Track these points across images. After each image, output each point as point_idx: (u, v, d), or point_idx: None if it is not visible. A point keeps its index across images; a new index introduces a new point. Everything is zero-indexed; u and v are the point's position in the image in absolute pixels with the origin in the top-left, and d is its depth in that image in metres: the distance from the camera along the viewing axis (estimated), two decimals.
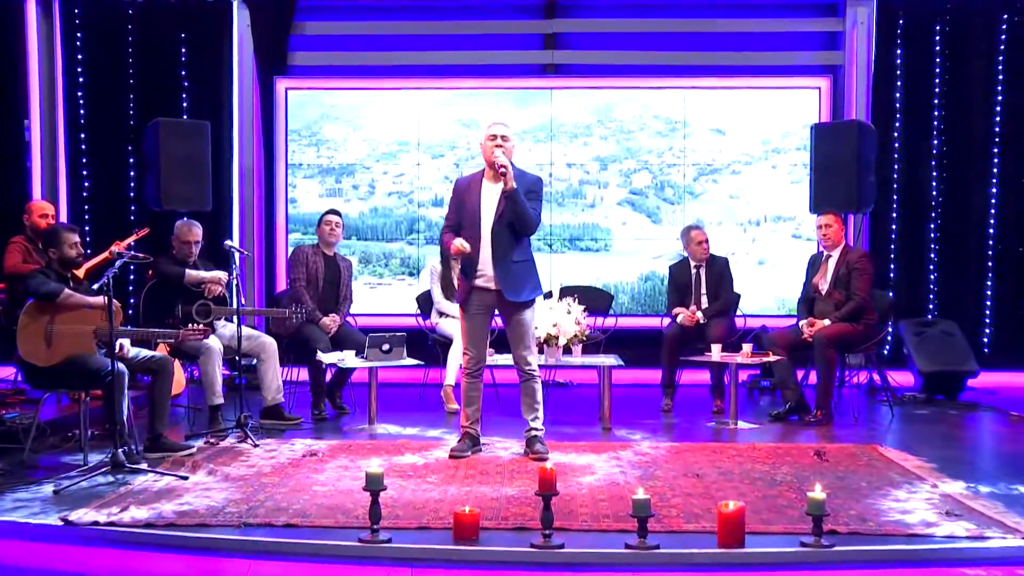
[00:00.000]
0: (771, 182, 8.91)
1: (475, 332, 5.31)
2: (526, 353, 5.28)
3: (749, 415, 6.71)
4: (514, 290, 5.17)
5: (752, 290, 8.48)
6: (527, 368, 5.30)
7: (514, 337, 5.28)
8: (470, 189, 5.25)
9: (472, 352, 5.33)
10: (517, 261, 5.19)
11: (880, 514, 4.13)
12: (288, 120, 9.05)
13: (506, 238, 5.15)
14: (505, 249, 5.16)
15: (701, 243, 7.10)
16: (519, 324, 5.25)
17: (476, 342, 5.33)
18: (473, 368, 5.35)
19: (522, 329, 5.26)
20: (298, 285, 6.71)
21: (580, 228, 9.00)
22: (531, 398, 5.34)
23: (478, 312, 5.28)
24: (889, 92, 8.63)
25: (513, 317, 5.24)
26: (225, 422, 5.95)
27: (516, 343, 5.28)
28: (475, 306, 5.27)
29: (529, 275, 5.25)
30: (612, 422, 6.20)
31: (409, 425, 6.28)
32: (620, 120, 8.98)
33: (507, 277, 5.16)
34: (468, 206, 5.22)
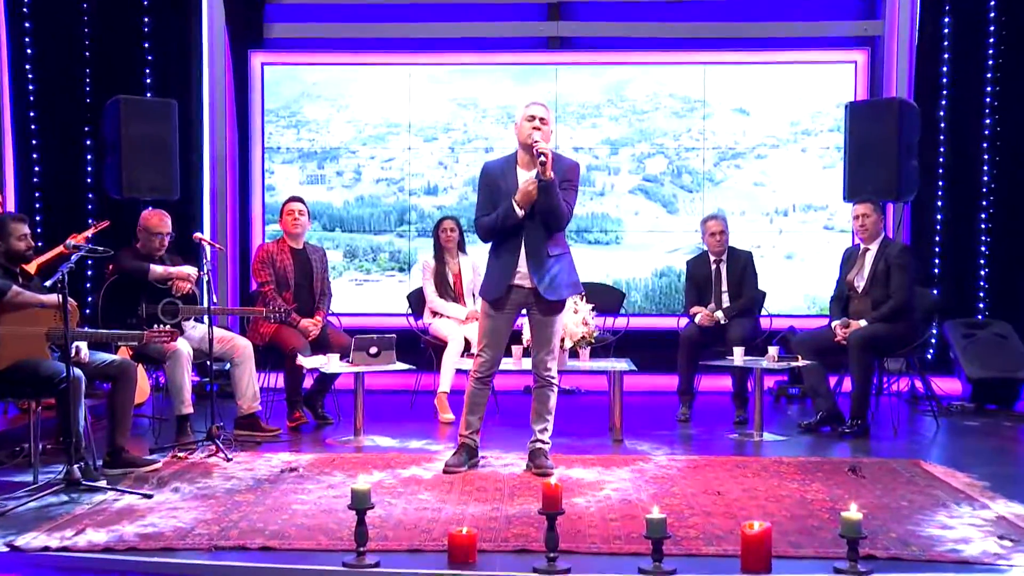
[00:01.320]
0: (801, 167, 8.90)
1: (498, 333, 5.29)
2: (548, 358, 5.28)
3: (776, 426, 6.70)
4: (551, 287, 5.17)
5: (779, 287, 8.46)
6: (546, 374, 5.29)
7: (540, 339, 5.28)
8: (504, 175, 5.23)
9: (488, 354, 5.31)
10: (553, 255, 5.18)
11: (924, 538, 4.11)
12: (265, 99, 9.04)
13: (539, 230, 5.14)
14: (538, 242, 5.15)
15: (715, 235, 7.09)
16: (549, 325, 5.25)
17: (496, 344, 5.31)
18: (485, 372, 5.34)
19: (548, 331, 5.26)
20: (267, 290, 6.70)
21: (588, 219, 8.99)
22: (543, 406, 5.33)
23: (509, 311, 5.26)
24: (934, 66, 8.58)
25: (545, 317, 5.24)
26: (194, 434, 5.94)
27: (541, 345, 5.27)
28: (508, 305, 5.25)
29: (568, 271, 5.25)
30: (624, 433, 6.19)
31: (399, 437, 6.27)
32: (632, 99, 8.97)
33: (543, 273, 5.15)
34: (503, 192, 5.18)
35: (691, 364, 6.95)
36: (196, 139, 8.75)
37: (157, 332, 5.39)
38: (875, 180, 7.26)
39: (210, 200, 8.92)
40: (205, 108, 8.87)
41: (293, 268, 6.77)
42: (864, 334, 6.36)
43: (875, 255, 6.57)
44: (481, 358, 5.33)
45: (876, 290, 6.52)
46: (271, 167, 9.08)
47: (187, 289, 6.09)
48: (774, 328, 7.44)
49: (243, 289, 8.95)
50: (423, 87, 9.04)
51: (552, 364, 5.31)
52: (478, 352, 5.36)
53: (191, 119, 8.63)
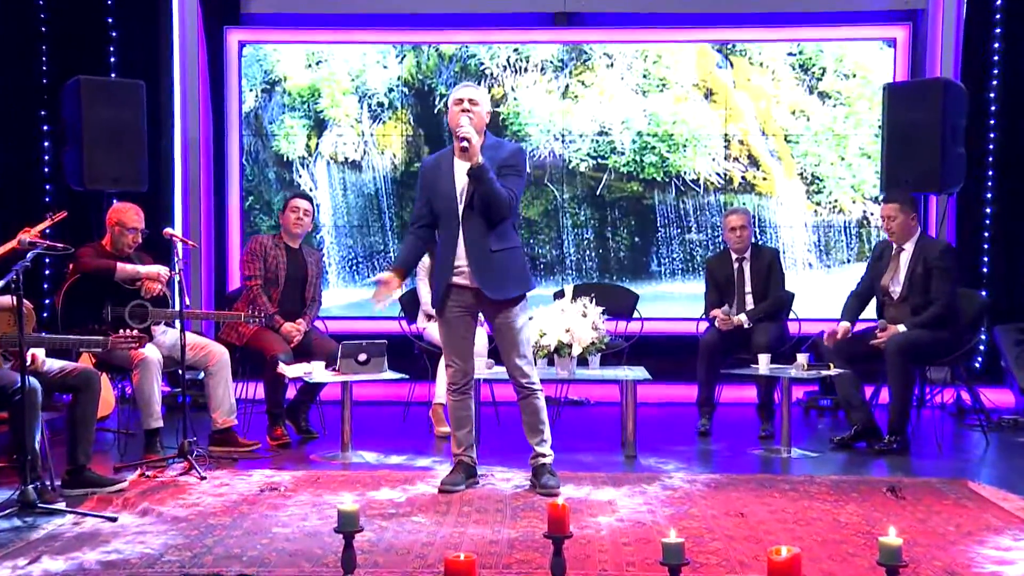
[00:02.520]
0: (835, 156, 8.89)
1: (456, 339, 5.30)
2: (520, 362, 5.26)
3: (806, 441, 6.70)
4: (494, 285, 5.15)
5: (809, 287, 8.45)
6: (524, 381, 5.28)
7: (503, 344, 5.27)
8: (440, 169, 5.24)
9: (456, 363, 5.32)
10: (496, 251, 5.16)
11: (974, 566, 4.09)
12: (242, 79, 9.04)
13: (479, 224, 5.13)
14: (478, 237, 5.14)
15: (735, 229, 7.08)
16: (506, 328, 5.23)
17: (459, 350, 5.32)
18: (460, 383, 5.34)
19: (511, 333, 5.24)
20: (255, 284, 6.70)
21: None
22: (533, 417, 5.32)
23: (457, 314, 5.27)
24: (984, 42, 8.56)
25: (497, 319, 5.23)
26: (164, 450, 5.94)
27: (507, 351, 5.27)
28: (453, 307, 5.26)
29: (512, 266, 5.22)
30: (637, 448, 6.19)
31: (391, 452, 6.27)
32: (644, 81, 8.96)
33: (484, 270, 5.14)
34: (442, 190, 5.20)
35: (711, 373, 6.95)
36: (166, 124, 8.76)
37: (123, 337, 5.38)
38: (916, 170, 7.23)
39: (182, 192, 8.93)
40: (176, 90, 8.88)
41: (285, 267, 6.77)
42: (903, 340, 6.31)
43: (911, 256, 6.49)
44: (451, 368, 5.34)
45: (915, 296, 6.44)
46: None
47: (157, 290, 6.09)
48: (803, 333, 7.41)
49: (219, 291, 8.96)
50: (416, 67, 9.05)
51: (528, 368, 5.29)
52: (446, 363, 5.38)
53: (161, 102, 8.64)
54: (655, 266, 9.04)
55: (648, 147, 8.97)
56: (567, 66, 9.01)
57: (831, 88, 8.89)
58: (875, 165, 8.59)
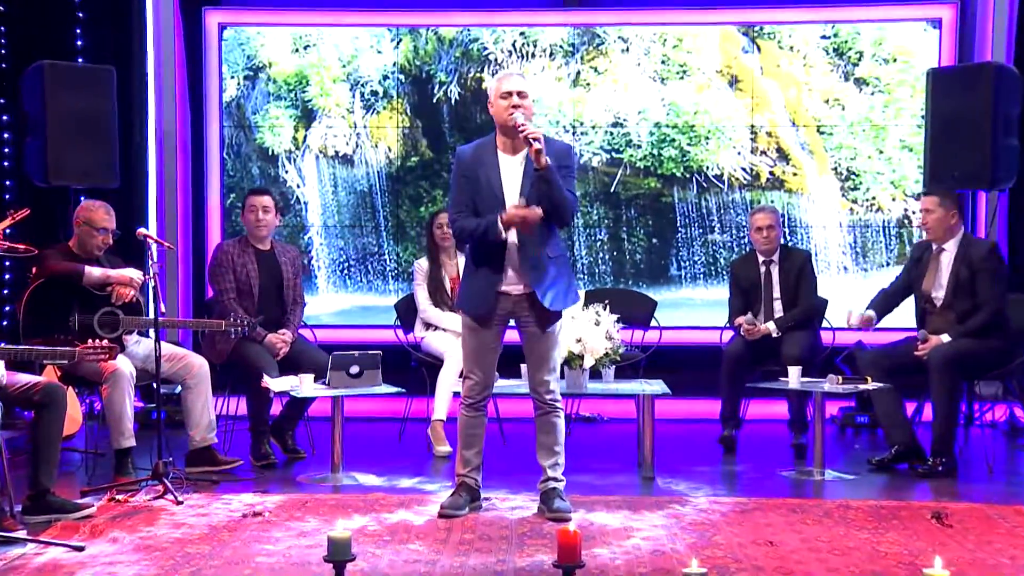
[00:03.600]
0: (873, 149, 8.88)
1: (485, 351, 5.30)
2: (549, 377, 5.29)
3: (841, 462, 6.69)
4: (551, 294, 5.18)
5: (844, 293, 8.44)
6: (548, 397, 5.29)
7: (537, 356, 5.28)
8: (483, 163, 5.23)
9: (477, 376, 5.32)
10: (552, 256, 5.21)
11: None
12: (223, 65, 9.04)
13: (538, 228, 5.15)
14: (536, 241, 5.16)
15: (762, 229, 7.08)
16: (547, 339, 5.26)
17: (484, 363, 5.32)
18: (477, 398, 5.34)
19: (547, 344, 5.28)
20: (227, 299, 6.69)
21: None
22: (550, 437, 5.33)
23: (497, 324, 5.28)
24: None
25: (543, 330, 5.24)
26: (137, 472, 5.94)
27: (539, 364, 5.27)
28: (494, 317, 5.26)
29: (565, 275, 5.29)
30: (656, 469, 6.19)
31: (386, 474, 6.28)
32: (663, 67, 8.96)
33: (542, 277, 5.17)
34: (484, 186, 5.19)
35: (736, 387, 6.95)
36: (139, 114, 8.76)
37: (92, 348, 5.37)
38: (963, 164, 7.21)
39: (157, 188, 8.93)
40: (150, 77, 8.88)
41: (258, 273, 6.76)
42: (948, 351, 6.29)
43: (954, 257, 6.46)
44: (470, 380, 5.34)
45: (960, 301, 6.41)
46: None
47: (130, 296, 6.09)
48: (838, 344, 7.41)
49: (197, 296, 8.96)
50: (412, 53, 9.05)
51: (554, 385, 5.32)
52: (465, 374, 5.38)
53: (133, 90, 8.64)
54: (674, 270, 9.03)
55: (667, 140, 8.97)
56: (578, 51, 9.00)
57: (869, 74, 8.87)
58: (917, 159, 8.57)
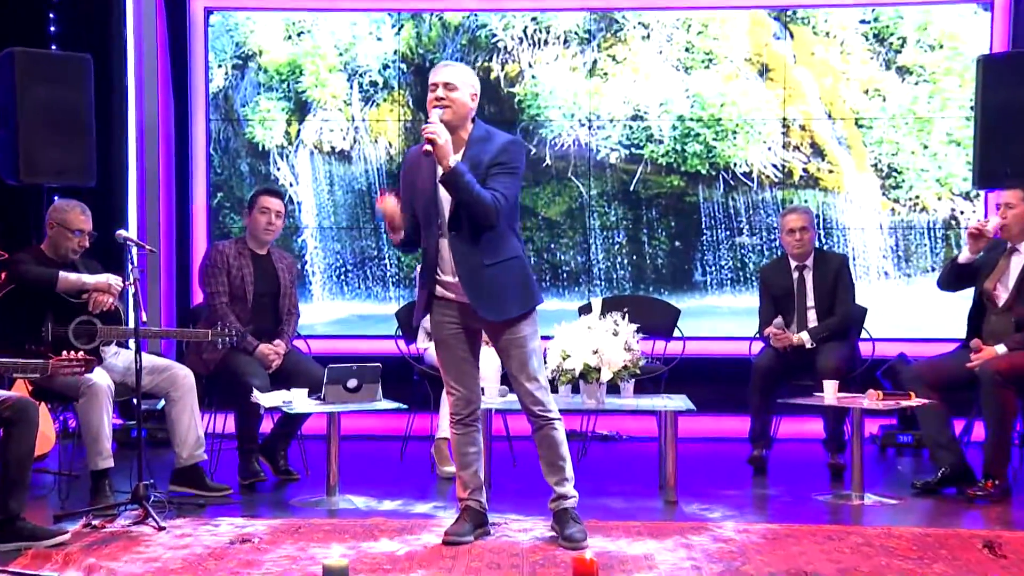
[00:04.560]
0: (917, 143, 8.87)
1: (456, 362, 5.31)
2: (531, 387, 5.25)
3: (882, 485, 6.67)
4: (491, 305, 5.14)
5: (884, 301, 8.42)
6: (537, 410, 5.27)
7: (510, 367, 5.28)
8: (420, 166, 5.21)
9: (457, 391, 5.32)
10: (490, 264, 5.15)
11: None
12: (209, 54, 9.05)
13: (467, 234, 5.12)
14: (467, 249, 5.13)
15: (795, 231, 7.07)
16: (511, 347, 5.23)
17: (460, 376, 5.31)
18: (463, 413, 5.33)
19: (517, 353, 5.23)
20: (219, 303, 6.70)
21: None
22: (551, 452, 5.32)
23: (452, 331, 5.28)
24: None
25: (501, 339, 5.23)
26: (116, 495, 5.93)
27: (514, 375, 5.27)
28: (446, 325, 5.28)
29: (510, 282, 5.20)
30: (679, 492, 6.18)
31: (386, 497, 6.28)
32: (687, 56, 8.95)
33: (477, 288, 5.14)
34: (420, 190, 5.19)
35: (767, 402, 6.94)
36: (118, 107, 8.77)
37: (67, 360, 5.38)
38: (1016, 159, 7.17)
39: (138, 187, 8.94)
40: (130, 66, 8.90)
41: (253, 278, 6.78)
42: (1003, 363, 6.27)
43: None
44: (452, 396, 5.34)
45: (1022, 306, 6.40)
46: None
47: (108, 304, 6.09)
48: (878, 356, 7.40)
49: (182, 304, 8.96)
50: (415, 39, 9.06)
51: (541, 394, 5.28)
52: (447, 391, 5.38)
53: (111, 80, 8.64)
54: (699, 275, 9.02)
55: (691, 134, 8.96)
56: (595, 38, 9.01)
57: (913, 62, 8.86)
58: (966, 154, 8.55)
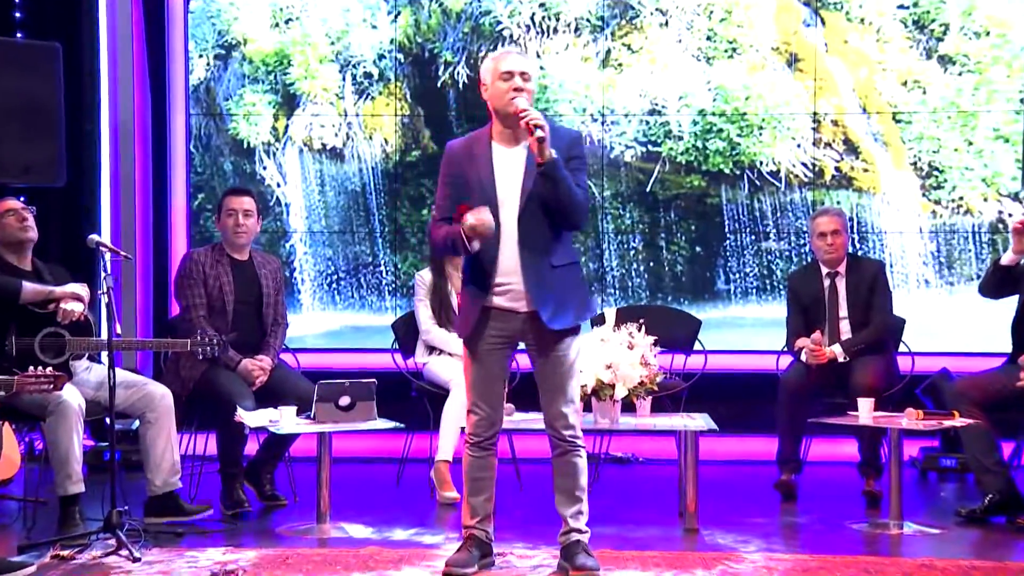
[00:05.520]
0: (960, 139, 8.85)
1: (489, 380, 5.27)
2: (567, 409, 5.24)
3: (923, 513, 6.65)
4: (555, 310, 5.13)
5: (924, 311, 8.40)
6: (567, 434, 5.25)
7: (549, 384, 5.24)
8: (474, 158, 5.20)
9: (483, 411, 5.29)
10: (558, 266, 5.17)
11: None
12: (189, 43, 9.06)
13: (539, 231, 5.12)
14: (538, 248, 5.12)
15: (826, 235, 7.06)
16: (559, 364, 5.22)
17: (490, 395, 5.28)
18: (484, 436, 5.31)
19: (562, 371, 5.23)
20: (195, 316, 6.69)
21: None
22: (571, 481, 5.29)
23: (495, 347, 5.24)
24: None
25: (551, 354, 5.21)
26: (86, 523, 5.92)
27: (553, 394, 5.24)
28: (490, 339, 5.23)
29: (575, 287, 5.25)
30: (700, 520, 6.16)
31: (381, 524, 6.27)
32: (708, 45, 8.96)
33: (543, 290, 5.13)
34: (475, 183, 5.16)
35: (797, 422, 6.92)
36: (90, 99, 8.78)
37: (34, 377, 5.38)
38: None
39: (111, 187, 8.94)
40: (103, 55, 8.91)
41: (233, 287, 6.77)
42: None
43: None
44: (475, 416, 5.31)
45: None
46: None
47: (78, 315, 6.08)
48: (918, 371, 7.38)
49: (159, 314, 8.96)
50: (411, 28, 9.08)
51: (574, 418, 5.27)
52: (469, 408, 5.35)
53: (83, 71, 8.66)
54: (722, 284, 9.02)
55: (713, 130, 8.97)
56: (608, 25, 9.01)
57: (956, 51, 8.85)
58: (1015, 151, 8.55)
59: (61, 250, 6.25)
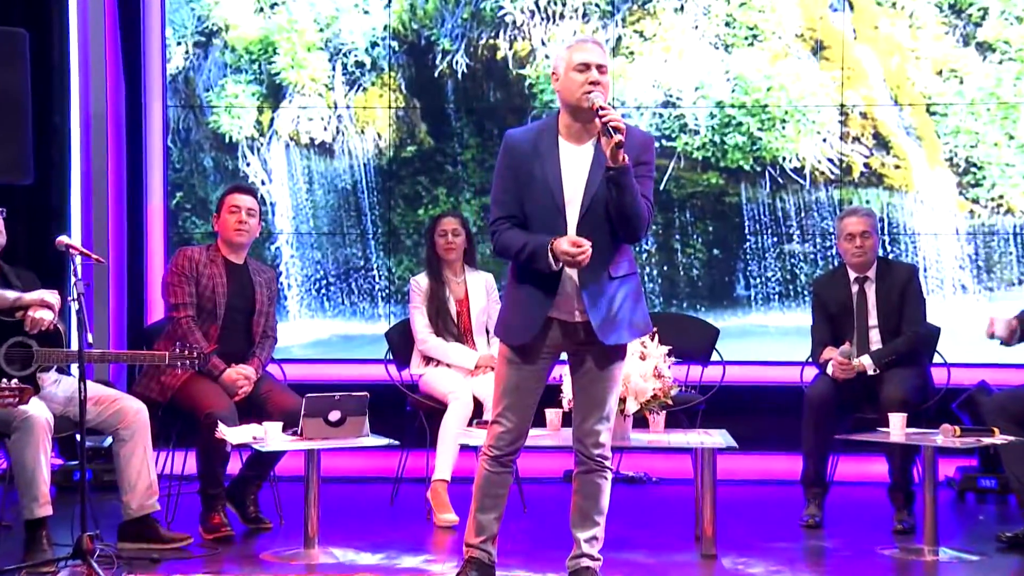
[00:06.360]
0: (1001, 133, 8.85)
1: (526, 391, 5.26)
2: (600, 427, 5.25)
3: (960, 538, 6.67)
4: (609, 324, 5.14)
5: (962, 319, 8.41)
6: (596, 453, 5.26)
7: (590, 400, 5.25)
8: (540, 154, 5.18)
9: (511, 422, 5.27)
10: (617, 277, 5.17)
11: None
12: (167, 29, 9.06)
13: (600, 237, 5.09)
14: (599, 256, 5.09)
15: (855, 237, 7.05)
16: (602, 380, 5.23)
17: (522, 407, 5.27)
18: (507, 450, 5.29)
19: (605, 387, 5.24)
20: (183, 317, 6.70)
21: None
22: (591, 503, 5.30)
23: (544, 358, 5.26)
24: None
25: (600, 369, 5.22)
26: (54, 548, 5.92)
27: (590, 409, 5.24)
28: (541, 349, 5.24)
29: (634, 301, 5.24)
30: (718, 545, 6.16)
31: (373, 549, 6.28)
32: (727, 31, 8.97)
33: (601, 304, 5.13)
34: (539, 183, 5.15)
35: (823, 439, 6.91)
36: (60, 91, 8.77)
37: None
38: None
39: (82, 186, 8.94)
40: (73, 43, 8.89)
41: (226, 291, 6.78)
42: None
43: None
44: (500, 427, 5.28)
45: None
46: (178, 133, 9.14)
47: (46, 323, 6.09)
48: (954, 384, 7.38)
49: (134, 322, 8.95)
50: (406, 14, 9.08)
51: (606, 437, 5.27)
52: (494, 418, 5.32)
53: (51, 60, 8.66)
54: (742, 289, 9.01)
55: (732, 123, 8.96)
56: (619, 11, 9.02)
57: (996, 37, 8.85)
58: None
59: (28, 253, 6.25)
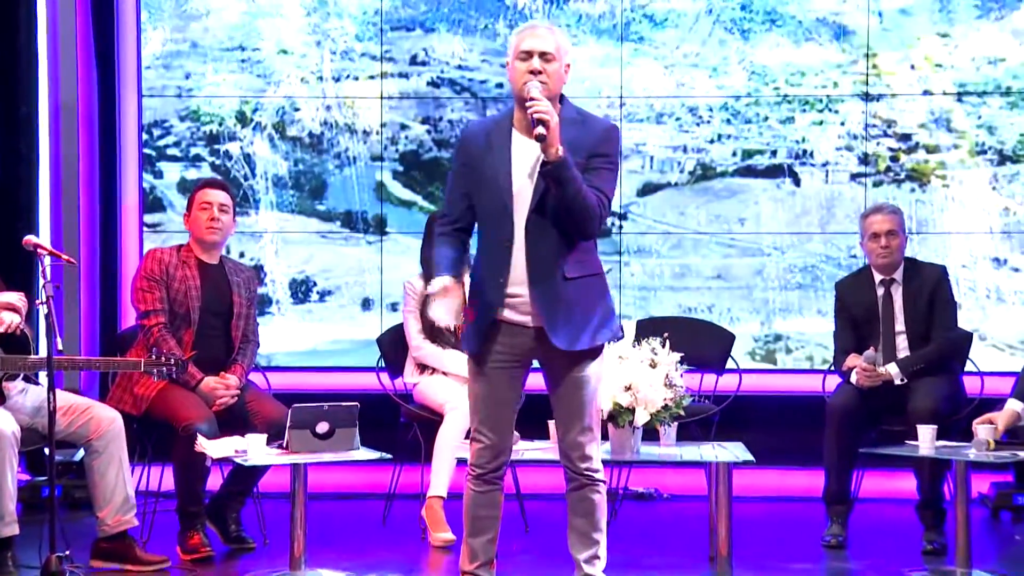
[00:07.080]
0: None
1: (495, 403, 5.26)
2: (583, 439, 5.23)
3: (995, 560, 6.68)
4: (567, 329, 5.12)
5: (996, 324, 8.41)
6: (584, 466, 5.25)
7: (565, 411, 5.24)
8: (491, 147, 5.18)
9: (487, 438, 5.28)
10: (573, 278, 5.16)
11: None
12: (142, 13, 9.07)
13: (551, 237, 5.10)
14: (548, 256, 5.11)
15: (880, 236, 7.07)
16: (575, 388, 5.21)
17: (496, 421, 5.27)
18: (488, 467, 5.29)
19: (580, 397, 5.22)
20: (155, 324, 6.69)
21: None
22: (587, 521, 5.28)
23: (503, 366, 5.23)
24: None
25: (565, 376, 5.21)
26: (20, 570, 5.93)
27: (568, 422, 5.24)
28: (498, 356, 5.22)
29: (594, 303, 5.21)
30: (734, 565, 6.13)
31: (364, 570, 6.29)
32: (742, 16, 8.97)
33: (554, 306, 5.11)
34: (489, 177, 5.17)
35: (846, 453, 6.91)
36: (26, 82, 8.78)
37: None
38: None
39: (51, 181, 8.94)
40: (41, 30, 8.90)
41: (200, 293, 6.77)
42: None
43: None
44: (478, 443, 5.29)
45: None
46: (155, 130, 9.14)
47: (14, 328, 6.09)
48: (987, 394, 7.37)
49: (107, 327, 8.96)
50: None
51: (593, 450, 5.25)
52: (472, 435, 5.33)
53: (17, 46, 8.67)
54: (759, 291, 9.01)
55: (749, 114, 8.97)
56: None
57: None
58: None
59: None
